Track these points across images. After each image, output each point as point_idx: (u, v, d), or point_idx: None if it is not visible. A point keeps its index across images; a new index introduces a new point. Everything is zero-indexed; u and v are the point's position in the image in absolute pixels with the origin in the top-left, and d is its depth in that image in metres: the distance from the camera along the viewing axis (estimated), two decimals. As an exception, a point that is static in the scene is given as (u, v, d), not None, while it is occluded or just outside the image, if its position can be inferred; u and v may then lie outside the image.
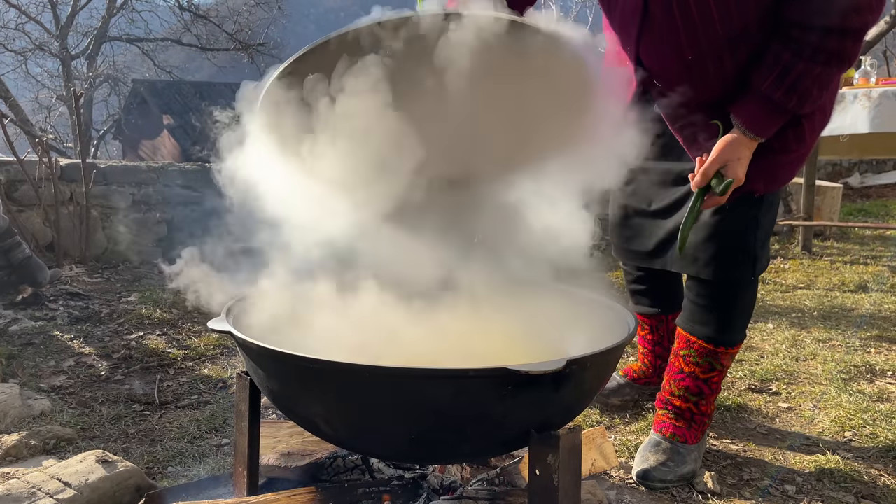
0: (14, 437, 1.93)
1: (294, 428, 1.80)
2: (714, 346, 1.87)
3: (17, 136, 6.93)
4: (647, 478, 1.86)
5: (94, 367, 2.70)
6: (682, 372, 1.93)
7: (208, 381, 2.61)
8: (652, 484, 1.86)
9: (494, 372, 1.17)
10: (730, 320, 1.87)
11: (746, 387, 2.57)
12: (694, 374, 1.91)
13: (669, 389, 1.97)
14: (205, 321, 3.36)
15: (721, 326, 1.87)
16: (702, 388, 1.92)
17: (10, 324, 3.16)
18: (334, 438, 1.42)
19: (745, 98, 1.61)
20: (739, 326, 1.90)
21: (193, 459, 1.98)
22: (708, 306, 1.87)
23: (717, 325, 1.86)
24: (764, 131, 1.61)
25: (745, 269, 1.83)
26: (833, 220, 5.65)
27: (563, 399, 1.29)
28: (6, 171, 4.25)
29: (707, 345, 1.88)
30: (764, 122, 1.60)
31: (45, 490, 1.63)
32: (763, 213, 1.81)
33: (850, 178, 8.67)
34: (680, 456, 1.89)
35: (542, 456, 1.24)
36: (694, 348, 1.90)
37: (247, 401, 1.52)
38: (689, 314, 1.91)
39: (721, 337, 1.87)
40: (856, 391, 2.50)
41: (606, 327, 1.47)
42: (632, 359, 2.68)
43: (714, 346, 1.87)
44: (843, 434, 2.19)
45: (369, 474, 1.67)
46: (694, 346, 1.90)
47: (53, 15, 19.86)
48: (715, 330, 1.87)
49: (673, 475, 1.86)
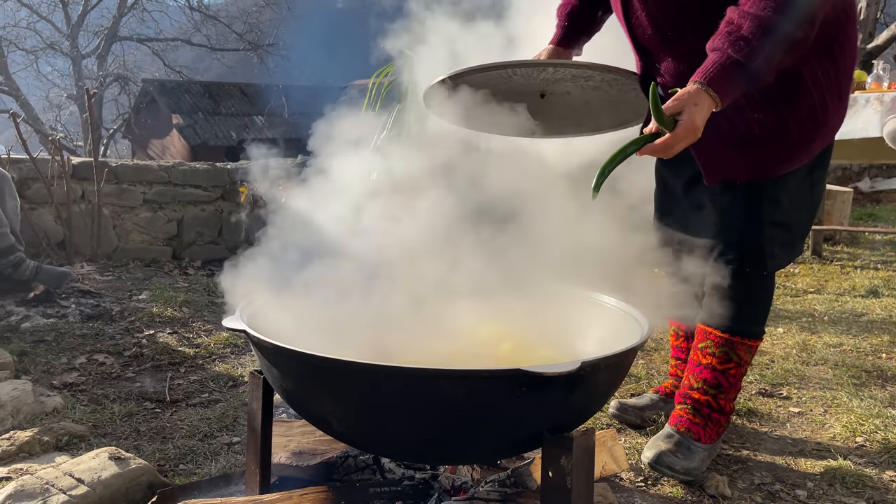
0: (27, 434, 1.95)
1: (306, 427, 1.81)
2: (730, 335, 1.90)
3: (28, 135, 6.99)
4: (658, 461, 1.88)
5: (105, 365, 2.72)
6: (700, 364, 1.95)
7: (219, 380, 2.62)
8: (659, 468, 1.88)
9: (509, 373, 1.17)
10: (745, 311, 1.89)
11: (757, 391, 2.56)
12: (711, 364, 1.93)
13: (688, 383, 1.98)
14: (214, 320, 3.39)
15: (736, 316, 1.88)
16: (720, 381, 1.93)
17: (22, 321, 3.18)
18: (347, 437, 1.42)
19: (707, 59, 1.53)
20: (756, 319, 1.93)
21: (205, 457, 1.99)
22: (723, 297, 1.88)
23: (732, 315, 1.88)
24: (725, 89, 1.48)
25: (752, 263, 1.84)
26: (843, 224, 5.62)
27: (576, 401, 1.29)
28: (19, 170, 4.28)
29: (723, 334, 1.90)
30: (725, 80, 1.48)
31: (59, 486, 1.64)
32: (771, 210, 1.80)
33: (860, 182, 8.63)
34: (690, 452, 1.90)
35: (556, 457, 1.24)
36: (710, 339, 1.92)
37: (260, 399, 1.53)
38: (706, 307, 1.94)
39: (736, 326, 1.89)
40: (867, 396, 2.49)
41: (621, 330, 1.47)
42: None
43: (730, 335, 1.90)
44: (854, 439, 2.18)
45: (380, 474, 1.68)
46: (710, 337, 1.92)
47: (64, 14, 20.00)
48: (730, 319, 1.89)
49: (679, 466, 1.87)
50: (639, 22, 1.76)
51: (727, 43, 1.48)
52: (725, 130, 1.70)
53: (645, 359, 2.87)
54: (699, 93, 1.48)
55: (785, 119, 1.70)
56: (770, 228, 1.82)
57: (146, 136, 20.01)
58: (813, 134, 1.75)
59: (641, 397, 2.30)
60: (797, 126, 1.72)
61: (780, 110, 1.70)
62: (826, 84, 1.69)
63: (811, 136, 1.75)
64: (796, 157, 1.78)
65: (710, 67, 1.49)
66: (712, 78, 1.48)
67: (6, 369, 2.43)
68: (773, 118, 1.71)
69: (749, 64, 1.47)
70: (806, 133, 1.74)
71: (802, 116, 1.71)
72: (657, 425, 2.18)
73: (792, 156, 1.78)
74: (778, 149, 1.75)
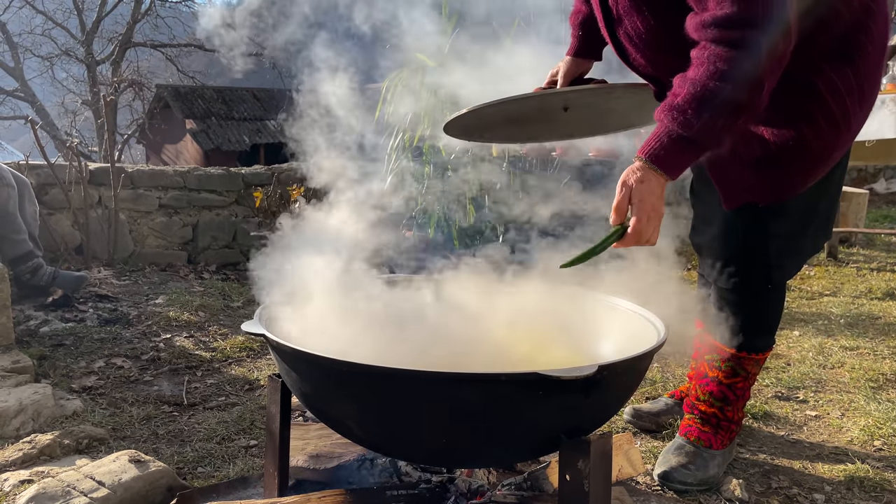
0: (48, 437, 1.97)
1: (323, 430, 1.82)
2: (736, 350, 1.84)
3: (45, 141, 7.05)
4: (668, 478, 1.86)
5: (123, 369, 2.75)
6: (707, 376, 1.91)
7: (235, 383, 2.64)
8: (672, 485, 1.85)
9: (526, 377, 1.18)
10: (751, 326, 1.83)
11: (773, 394, 2.55)
12: (717, 378, 1.89)
13: (695, 394, 1.95)
14: (230, 323, 3.42)
15: (742, 331, 1.82)
16: (726, 394, 1.90)
17: (41, 325, 3.22)
18: (365, 441, 1.43)
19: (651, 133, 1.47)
20: (763, 333, 1.86)
21: (223, 460, 2.00)
22: (728, 311, 1.83)
23: (738, 330, 1.82)
24: (662, 161, 1.38)
25: (756, 279, 1.78)
26: (859, 226, 5.59)
27: (593, 405, 1.29)
28: (37, 175, 4.33)
29: (729, 349, 1.85)
30: (658, 150, 1.39)
31: (80, 489, 1.66)
32: (775, 222, 1.72)
33: (875, 183, 8.56)
34: (702, 460, 1.88)
35: (573, 461, 1.25)
36: (717, 353, 1.87)
37: (278, 403, 1.54)
38: (713, 319, 1.88)
39: (742, 342, 1.83)
40: (885, 400, 2.47)
41: (638, 335, 1.47)
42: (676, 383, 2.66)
43: (736, 350, 1.84)
44: (872, 443, 2.17)
45: (397, 477, 1.68)
46: (717, 351, 1.87)
47: (79, 21, 20.21)
48: (736, 334, 1.83)
49: (693, 478, 1.85)
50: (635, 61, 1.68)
51: (665, 113, 1.38)
52: (742, 152, 1.62)
53: (660, 362, 2.86)
54: (643, 169, 1.39)
55: (804, 135, 1.59)
56: (778, 242, 1.75)
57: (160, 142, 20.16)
58: (835, 143, 1.63)
59: (656, 402, 2.30)
60: (817, 140, 1.60)
61: (798, 127, 1.58)
62: (846, 89, 1.57)
63: (833, 145, 1.64)
64: (819, 171, 1.68)
65: (652, 141, 1.40)
66: (653, 153, 1.38)
67: (26, 373, 2.46)
68: (792, 135, 1.59)
69: (687, 133, 1.36)
70: (828, 145, 1.63)
71: (822, 129, 1.59)
72: (673, 429, 2.18)
73: (815, 171, 1.68)
74: (799, 167, 1.64)
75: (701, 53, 1.37)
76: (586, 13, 1.89)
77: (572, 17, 1.96)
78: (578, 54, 1.92)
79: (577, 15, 1.93)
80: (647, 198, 1.38)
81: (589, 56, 1.92)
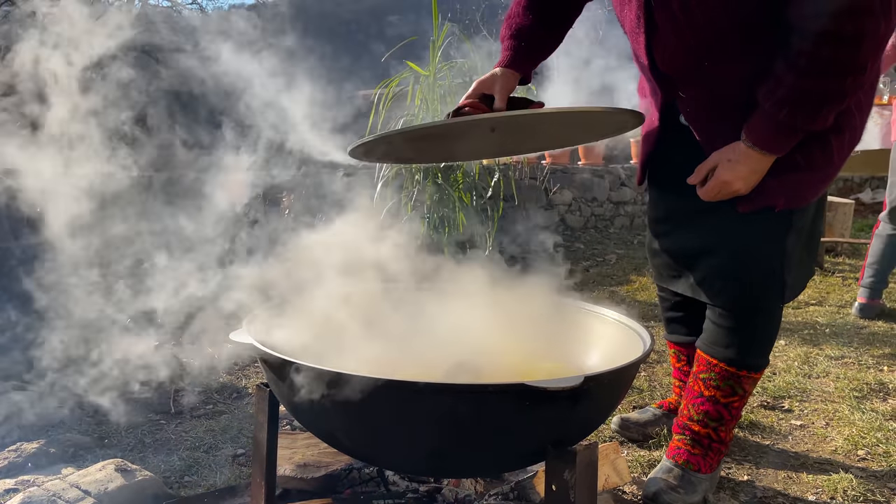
0: (34, 445, 1.96)
1: (310, 439, 1.82)
2: (737, 369, 1.81)
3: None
4: (656, 501, 1.83)
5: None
6: (702, 396, 1.86)
7: (223, 391, 2.63)
8: None
9: (513, 387, 1.19)
10: (754, 344, 1.81)
11: (758, 403, 2.57)
12: (714, 398, 1.84)
13: (688, 414, 1.90)
14: (218, 332, 3.40)
15: (745, 350, 1.80)
16: (722, 413, 1.85)
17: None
18: (353, 450, 1.44)
19: (754, 115, 1.55)
20: (764, 351, 1.85)
21: (210, 469, 2.00)
22: (731, 329, 1.80)
23: (741, 349, 1.80)
24: (774, 148, 1.56)
25: (772, 295, 1.77)
26: (845, 236, 5.64)
27: (579, 415, 1.30)
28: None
29: (729, 367, 1.81)
30: (773, 140, 1.55)
31: (65, 498, 1.66)
32: (789, 235, 1.73)
33: (861, 193, 8.65)
34: (691, 485, 1.85)
35: (559, 471, 1.25)
36: (715, 371, 1.83)
37: (266, 412, 1.54)
38: (711, 336, 1.85)
39: (744, 360, 1.81)
40: (869, 409, 2.49)
41: (623, 345, 1.48)
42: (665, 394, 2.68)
43: (737, 369, 1.81)
44: (856, 452, 2.19)
45: (384, 487, 1.69)
46: (715, 370, 1.83)
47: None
48: (738, 353, 1.80)
49: (681, 502, 1.83)
50: (667, 51, 1.65)
51: (783, 110, 1.49)
52: None
53: (647, 371, 2.88)
54: (746, 155, 1.57)
55: (831, 147, 1.64)
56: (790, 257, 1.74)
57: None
58: (848, 153, 1.70)
59: (644, 412, 2.30)
60: (840, 151, 1.66)
61: (828, 138, 1.62)
62: (867, 104, 1.66)
63: (847, 154, 1.69)
64: (831, 180, 1.74)
65: (765, 133, 1.54)
66: (767, 142, 1.55)
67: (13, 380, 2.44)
68: (820, 147, 1.63)
69: (806, 127, 1.51)
70: (844, 156, 1.69)
71: (845, 141, 1.65)
72: (660, 439, 2.19)
73: (830, 180, 1.74)
74: (819, 175, 1.69)
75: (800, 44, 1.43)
76: (525, 24, 1.82)
77: (506, 27, 1.84)
78: (512, 65, 1.79)
79: (514, 24, 1.83)
80: (723, 175, 1.60)
81: (523, 70, 1.81)
